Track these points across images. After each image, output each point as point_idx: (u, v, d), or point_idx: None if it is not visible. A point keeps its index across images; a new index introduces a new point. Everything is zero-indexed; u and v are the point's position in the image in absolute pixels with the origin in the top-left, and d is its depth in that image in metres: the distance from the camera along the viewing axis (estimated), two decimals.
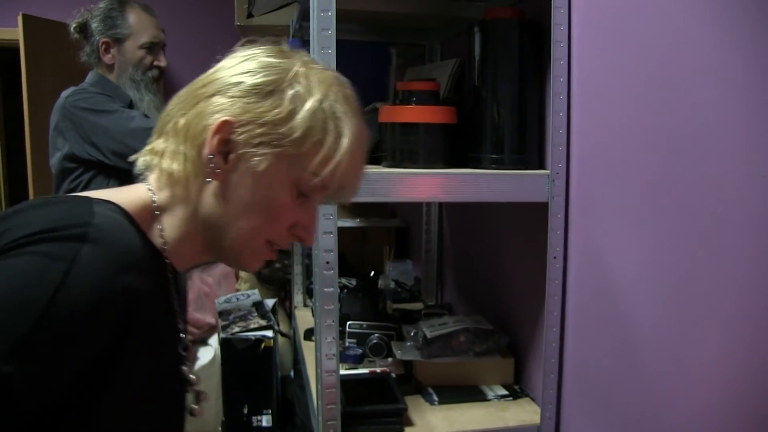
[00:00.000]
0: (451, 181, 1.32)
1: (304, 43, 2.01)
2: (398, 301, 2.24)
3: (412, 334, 1.64)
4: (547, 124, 1.42)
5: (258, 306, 2.44)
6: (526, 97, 1.42)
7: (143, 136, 0.95)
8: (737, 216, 0.92)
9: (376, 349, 1.67)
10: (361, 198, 1.23)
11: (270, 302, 2.54)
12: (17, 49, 3.70)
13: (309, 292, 2.27)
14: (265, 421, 2.31)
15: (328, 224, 1.19)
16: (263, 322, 2.28)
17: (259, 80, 0.85)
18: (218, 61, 0.91)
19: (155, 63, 2.06)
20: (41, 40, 3.37)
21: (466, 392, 1.54)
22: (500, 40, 1.41)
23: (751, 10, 0.91)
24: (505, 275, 1.72)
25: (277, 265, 3.05)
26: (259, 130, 0.84)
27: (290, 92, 0.85)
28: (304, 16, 1.79)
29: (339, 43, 2.06)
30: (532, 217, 1.50)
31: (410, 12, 1.85)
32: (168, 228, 0.88)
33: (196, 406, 0.97)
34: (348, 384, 1.43)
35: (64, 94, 1.98)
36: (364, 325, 1.69)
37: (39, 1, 3.85)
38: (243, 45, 0.92)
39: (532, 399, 1.52)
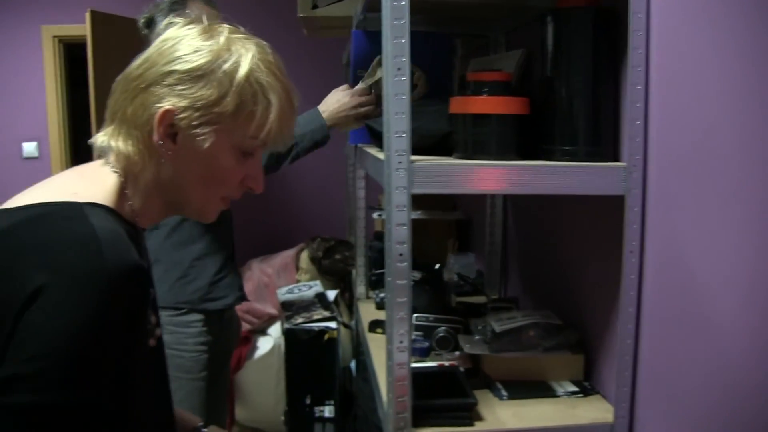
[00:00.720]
0: (523, 173, 1.29)
1: (367, 35, 2.01)
2: (461, 294, 2.22)
3: (479, 327, 1.62)
4: (623, 116, 1.39)
5: (320, 297, 2.45)
6: (600, 88, 1.38)
7: None
8: None
9: (443, 342, 1.66)
10: (432, 190, 1.23)
11: (332, 294, 2.55)
12: (83, 45, 3.80)
13: (372, 284, 2.27)
14: (328, 411, 2.33)
15: (401, 216, 1.18)
16: (326, 314, 2.29)
17: (189, 66, 0.95)
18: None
19: None
20: (108, 36, 3.44)
21: (535, 388, 1.51)
22: (574, 29, 1.37)
23: None
24: (575, 269, 1.68)
25: (338, 257, 3.06)
26: (196, 114, 0.95)
27: (219, 73, 0.95)
28: (370, 6, 1.78)
29: None
30: (605, 211, 1.46)
31: (476, 2, 1.83)
32: (135, 200, 1.01)
33: None
34: (416, 377, 1.41)
35: None
36: (431, 318, 1.68)
37: None
38: (167, 25, 1.03)
39: (604, 397, 1.48)
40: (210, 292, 1.98)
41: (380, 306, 2.10)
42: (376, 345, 1.82)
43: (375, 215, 2.72)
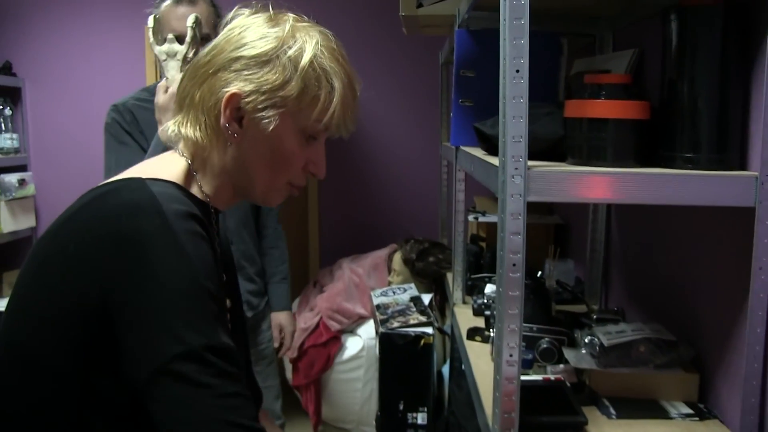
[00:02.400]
0: (644, 182, 1.22)
1: (471, 34, 1.96)
2: (560, 302, 2.14)
3: (586, 340, 1.55)
4: (753, 121, 1.29)
5: (416, 301, 2.42)
6: (728, 91, 1.29)
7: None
8: None
9: (546, 354, 1.59)
10: (549, 198, 1.17)
11: (427, 297, 2.51)
12: None
13: (469, 290, 2.23)
14: (421, 418, 2.30)
15: (516, 224, 1.13)
16: (423, 318, 2.25)
17: (255, 52, 0.99)
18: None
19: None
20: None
21: (646, 407, 1.43)
22: (701, 27, 1.28)
23: None
24: (690, 283, 1.59)
25: (431, 259, 3.02)
26: (262, 97, 0.99)
27: (284, 58, 0.99)
28: (477, 5, 1.73)
29: (498, 32, 2.00)
30: (728, 222, 1.37)
31: (589, 1, 1.75)
32: (204, 183, 1.07)
33: None
34: (521, 390, 1.37)
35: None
36: (534, 329, 1.62)
37: None
38: (234, 14, 1.06)
39: (722, 422, 1.39)
40: None
41: (477, 312, 2.06)
42: (475, 353, 1.78)
43: (471, 218, 2.67)
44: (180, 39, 1.95)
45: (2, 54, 4.16)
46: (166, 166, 1.06)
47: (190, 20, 1.67)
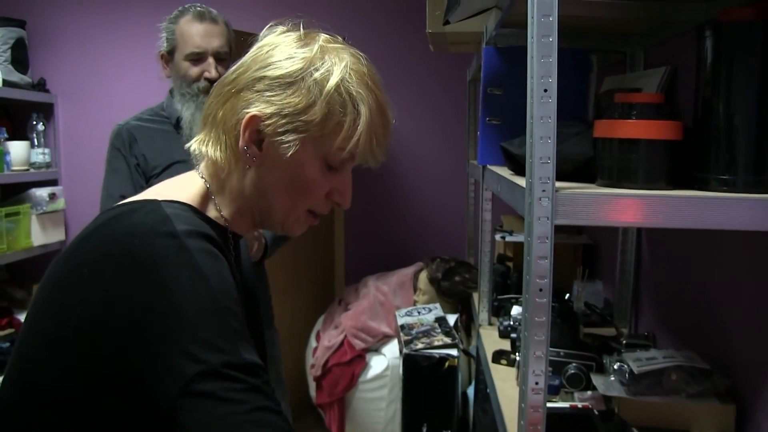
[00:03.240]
0: (678, 205, 1.17)
1: (499, 51, 1.93)
2: (588, 325, 2.09)
3: (615, 366, 1.50)
4: None
5: (441, 322, 2.38)
6: (766, 110, 1.24)
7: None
8: None
9: (573, 380, 1.55)
10: (578, 221, 1.13)
11: (452, 318, 2.47)
12: None
13: (495, 311, 2.18)
14: None
15: (543, 248, 1.09)
16: (447, 340, 2.21)
17: (280, 73, 0.95)
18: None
19: (205, 75, 1.98)
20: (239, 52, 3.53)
21: None
22: (739, 44, 1.24)
23: None
24: (725, 309, 1.53)
25: (457, 279, 2.98)
26: (283, 121, 0.95)
27: (309, 81, 0.95)
28: (506, 22, 1.70)
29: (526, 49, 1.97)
30: (766, 247, 1.31)
31: (621, 17, 1.71)
32: (223, 207, 1.04)
33: None
34: (548, 418, 1.32)
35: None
36: (561, 353, 1.57)
37: (241, 15, 4.06)
38: (266, 31, 1.03)
39: None
40: None
41: (503, 334, 2.01)
42: (500, 377, 1.73)
43: (498, 237, 2.62)
44: (203, 57, 1.95)
45: (37, 71, 4.22)
46: (183, 188, 1.03)
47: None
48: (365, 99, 0.97)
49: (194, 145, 1.04)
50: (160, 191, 1.02)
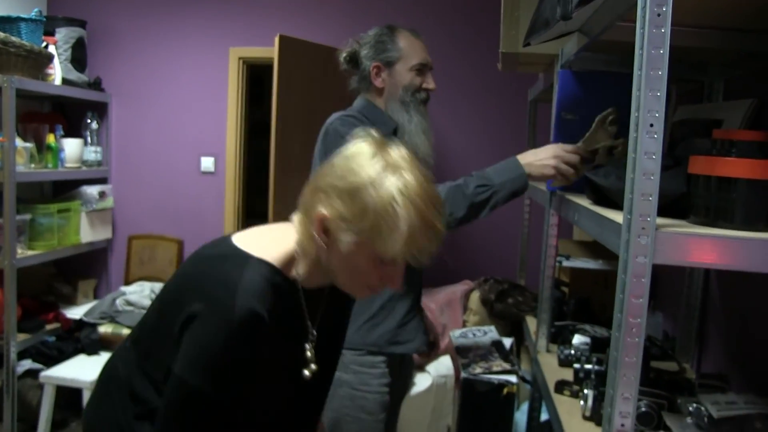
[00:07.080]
0: None
1: (575, 75, 1.89)
2: (648, 358, 2.03)
3: (691, 409, 1.45)
4: None
5: (498, 346, 2.34)
6: None
7: None
8: None
9: (645, 419, 1.50)
10: (675, 261, 1.09)
11: (508, 341, 2.43)
12: (263, 66, 3.94)
13: (553, 338, 2.14)
14: None
15: (639, 287, 1.05)
16: (506, 366, 2.17)
17: (345, 185, 1.18)
18: None
19: (424, 85, 2.07)
20: (293, 60, 3.53)
21: None
22: None
23: None
24: None
25: (510, 301, 2.94)
26: (343, 224, 1.18)
27: (366, 195, 1.15)
28: (592, 46, 1.67)
29: (604, 75, 1.92)
30: None
31: (705, 46, 1.66)
32: (301, 268, 1.30)
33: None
34: None
35: (330, 118, 2.02)
36: None
37: (294, 23, 4.08)
38: (354, 135, 1.26)
39: None
40: (397, 335, 1.97)
41: (564, 363, 1.97)
42: (565, 409, 1.69)
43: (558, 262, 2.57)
44: (425, 69, 2.04)
45: (94, 70, 4.28)
46: (279, 243, 1.30)
47: None
48: (411, 219, 1.15)
49: (299, 207, 1.28)
50: (261, 242, 1.30)
